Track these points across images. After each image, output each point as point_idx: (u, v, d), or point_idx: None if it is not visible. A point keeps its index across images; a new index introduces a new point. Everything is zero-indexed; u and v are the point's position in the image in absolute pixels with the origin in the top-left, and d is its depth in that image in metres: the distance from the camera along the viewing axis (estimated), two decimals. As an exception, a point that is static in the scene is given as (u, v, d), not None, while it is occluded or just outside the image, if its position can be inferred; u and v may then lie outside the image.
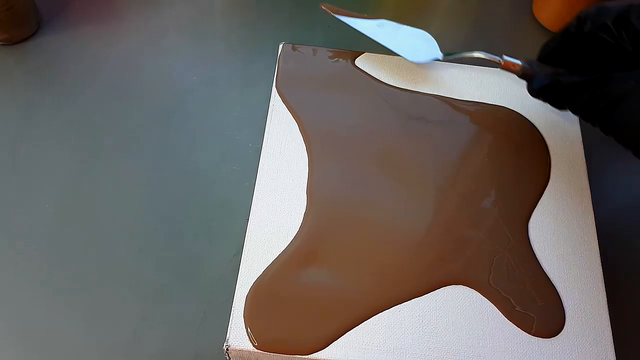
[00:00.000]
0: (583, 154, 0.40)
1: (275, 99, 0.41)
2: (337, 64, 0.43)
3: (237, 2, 0.52)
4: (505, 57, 0.35)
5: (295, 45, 0.44)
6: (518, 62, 0.35)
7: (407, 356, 0.32)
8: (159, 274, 0.37)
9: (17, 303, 0.36)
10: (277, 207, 0.36)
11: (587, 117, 0.31)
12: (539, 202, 0.38)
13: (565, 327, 0.33)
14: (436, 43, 0.40)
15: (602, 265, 0.36)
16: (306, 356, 0.31)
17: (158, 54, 0.48)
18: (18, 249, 0.38)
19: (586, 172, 0.39)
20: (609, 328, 0.33)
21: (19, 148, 0.42)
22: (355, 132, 0.40)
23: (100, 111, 0.44)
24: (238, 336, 0.32)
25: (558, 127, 0.41)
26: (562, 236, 0.37)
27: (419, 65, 0.43)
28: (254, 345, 0.32)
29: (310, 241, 0.35)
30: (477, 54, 0.37)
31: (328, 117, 0.40)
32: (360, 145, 0.39)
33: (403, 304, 0.33)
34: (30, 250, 0.38)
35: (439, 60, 0.40)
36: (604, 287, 0.35)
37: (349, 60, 0.43)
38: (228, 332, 0.32)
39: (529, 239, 0.36)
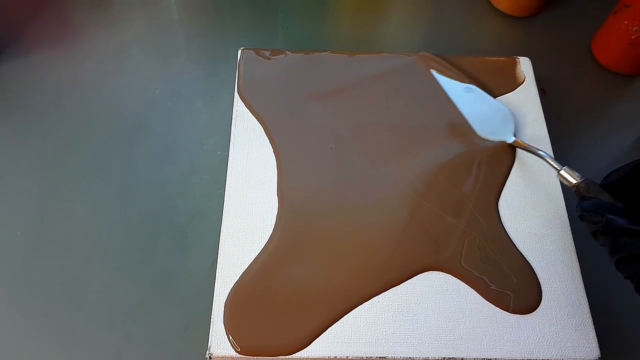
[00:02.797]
0: (546, 130, 0.41)
1: (239, 105, 0.41)
2: (298, 64, 0.43)
3: (196, 12, 0.52)
4: (566, 169, 0.33)
5: (255, 50, 0.44)
6: (576, 178, 0.32)
7: (389, 345, 0.32)
8: (138, 291, 0.37)
9: (-6, 334, 0.35)
10: (249, 211, 0.36)
11: (619, 267, 0.28)
12: (507, 181, 0.38)
13: (542, 302, 0.34)
14: (512, 124, 0.40)
15: (572, 236, 0.36)
16: (290, 356, 0.32)
17: (119, 72, 0.47)
18: (-9, 279, 0.37)
19: (550, 148, 0.40)
20: (585, 297, 0.34)
21: (-16, 178, 0.41)
22: (321, 129, 0.40)
23: (65, 134, 0.44)
24: (220, 343, 0.32)
25: (521, 106, 0.42)
26: (531, 212, 0.37)
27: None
28: (236, 351, 0.32)
29: (285, 242, 0.35)
30: (544, 155, 0.36)
31: (292, 117, 0.41)
32: (326, 141, 0.39)
33: (381, 294, 0.34)
34: (4, 279, 0.37)
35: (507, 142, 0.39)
36: (577, 258, 0.35)
37: (310, 60, 0.44)
38: (209, 340, 0.32)
39: (499, 218, 0.37)
